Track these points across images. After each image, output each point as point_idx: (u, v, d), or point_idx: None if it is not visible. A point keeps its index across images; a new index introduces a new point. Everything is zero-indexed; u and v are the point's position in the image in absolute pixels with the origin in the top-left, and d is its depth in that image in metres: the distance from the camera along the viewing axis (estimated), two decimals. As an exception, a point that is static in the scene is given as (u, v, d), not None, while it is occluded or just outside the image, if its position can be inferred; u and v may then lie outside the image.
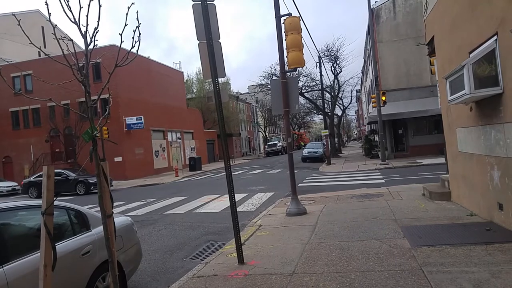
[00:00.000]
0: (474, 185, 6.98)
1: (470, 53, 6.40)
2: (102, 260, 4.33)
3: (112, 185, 23.61)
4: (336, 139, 41.16)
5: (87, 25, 2.75)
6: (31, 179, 23.52)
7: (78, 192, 22.02)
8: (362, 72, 48.78)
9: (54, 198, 2.73)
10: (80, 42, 2.83)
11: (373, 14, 25.74)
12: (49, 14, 2.75)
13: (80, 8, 2.68)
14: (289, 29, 8.94)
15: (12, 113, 33.23)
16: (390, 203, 9.03)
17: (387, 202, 9.20)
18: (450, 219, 6.88)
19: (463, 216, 6.99)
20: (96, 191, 3.01)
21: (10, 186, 26.42)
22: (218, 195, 14.43)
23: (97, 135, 2.87)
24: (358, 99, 68.85)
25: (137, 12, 2.96)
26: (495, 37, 5.48)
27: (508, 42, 4.99)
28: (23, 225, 4.06)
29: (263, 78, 37.62)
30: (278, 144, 55.71)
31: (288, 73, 9.89)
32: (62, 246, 3.88)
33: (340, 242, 6.12)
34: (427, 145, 24.32)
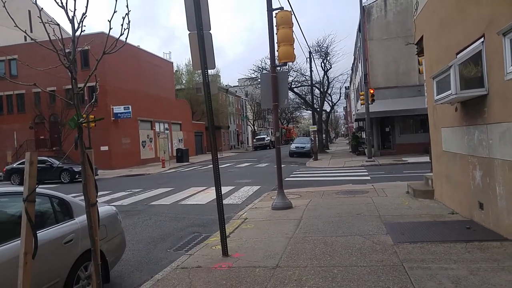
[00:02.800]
0: (457, 184, 7.12)
1: (457, 54, 6.49)
2: (84, 249, 4.28)
3: (98, 174, 23.40)
4: (323, 135, 41.39)
5: (75, 10, 2.69)
6: (14, 165, 23.12)
7: (63, 180, 21.76)
8: (352, 69, 49.02)
9: (36, 186, 2.69)
10: (68, 28, 2.78)
11: (365, 11, 25.85)
12: None
13: None
14: (280, 23, 8.92)
15: (-4, 98, 32.49)
16: (374, 200, 9.14)
17: (372, 199, 9.31)
18: (432, 217, 7.01)
19: (445, 214, 7.13)
20: (81, 179, 2.97)
21: None
22: (205, 187, 14.40)
23: (84, 122, 2.83)
24: (347, 96, 69.26)
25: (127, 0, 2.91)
26: (482, 39, 5.57)
27: (495, 45, 5.08)
28: (4, 212, 4.00)
29: (253, 72, 37.57)
30: (267, 138, 55.78)
31: (279, 68, 9.87)
32: (43, 234, 3.83)
33: (324, 237, 6.19)
34: (413, 144, 24.60)
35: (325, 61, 36.83)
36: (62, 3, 2.63)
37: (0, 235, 3.58)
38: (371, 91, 22.63)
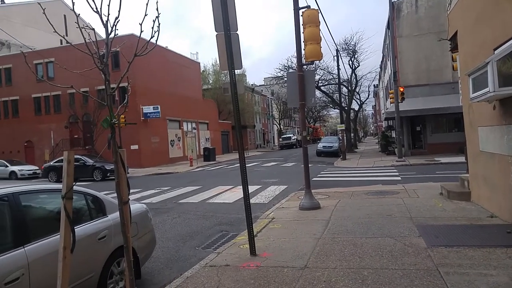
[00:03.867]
0: (496, 185, 6.79)
1: (495, 49, 6.20)
2: (117, 245, 4.41)
3: (128, 173, 23.96)
4: (352, 134, 40.80)
5: (109, 14, 2.77)
6: (51, 163, 24.03)
7: (95, 178, 22.42)
8: (381, 67, 48.13)
9: (74, 183, 2.78)
10: (101, 31, 2.86)
11: (394, 7, 25.19)
12: (73, 3, 2.80)
13: None
14: (307, 22, 8.85)
15: (35, 99, 33.92)
16: (405, 201, 8.90)
17: (402, 200, 9.08)
18: (469, 220, 6.72)
19: (483, 217, 6.81)
20: (113, 177, 3.07)
21: (31, 170, 27.16)
22: (232, 186, 14.49)
23: (116, 122, 2.90)
24: (376, 94, 68.01)
25: (157, 3, 2.98)
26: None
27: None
28: (44, 208, 4.17)
29: (279, 71, 37.48)
30: (293, 137, 55.52)
31: (305, 66, 9.79)
32: (80, 230, 3.96)
33: (353, 238, 6.09)
34: (446, 143, 23.77)
35: (353, 59, 36.37)
36: (96, 8, 2.72)
37: (40, 229, 3.73)
38: (401, 89, 22.05)
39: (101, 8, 2.72)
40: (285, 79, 29.24)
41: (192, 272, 5.04)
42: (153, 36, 2.97)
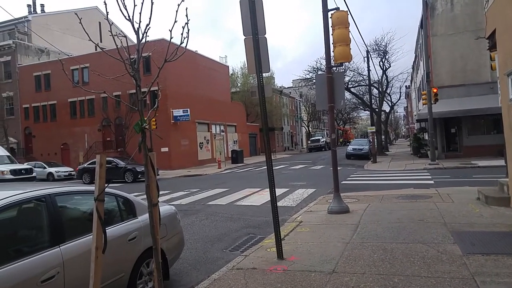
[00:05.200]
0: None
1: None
2: (146, 246, 4.51)
3: (158, 174, 24.45)
4: (382, 137, 39.98)
5: (140, 22, 2.87)
6: (85, 165, 24.88)
7: (126, 180, 23.00)
8: (413, 68, 47.00)
9: (106, 185, 2.87)
10: (132, 37, 2.95)
11: (428, 6, 24.50)
12: (107, 12, 2.91)
13: (134, 6, 2.81)
14: (336, 24, 8.77)
15: (71, 103, 35.28)
16: (439, 206, 8.60)
17: (435, 204, 8.78)
18: (508, 227, 6.40)
19: (523, 224, 6.48)
20: (143, 179, 3.14)
21: (67, 171, 28.22)
22: (259, 189, 14.51)
23: (146, 127, 2.98)
24: (408, 96, 66.48)
25: (186, 9, 3.06)
26: None
27: None
28: (78, 209, 4.32)
29: (308, 73, 37.22)
30: (321, 140, 54.97)
31: (334, 68, 9.69)
32: (111, 231, 4.06)
33: (383, 243, 5.96)
34: (484, 146, 22.75)
35: (383, 59, 35.64)
36: (129, 16, 2.83)
37: (74, 230, 3.87)
38: (434, 90, 21.37)
39: (133, 16, 2.83)
40: (314, 81, 29.02)
41: (219, 275, 5.07)
42: (183, 41, 3.05)
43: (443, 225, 6.81)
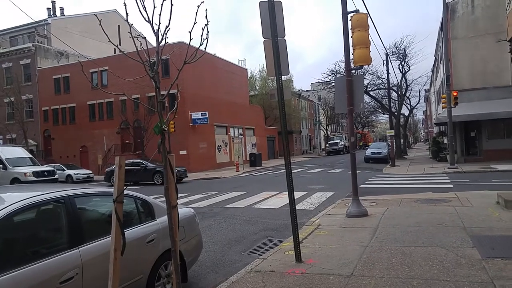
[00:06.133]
0: (559, 195, 6.32)
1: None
2: (165, 248, 4.52)
3: (187, 176, 24.49)
4: (401, 140, 39.45)
5: (159, 23, 2.87)
6: (113, 168, 24.75)
7: (156, 182, 22.57)
8: (432, 71, 46.22)
9: (125, 187, 2.90)
10: (152, 39, 2.98)
11: (448, 8, 24.15)
12: (127, 14, 2.93)
13: (154, 7, 2.81)
14: (356, 26, 8.71)
15: (90, 106, 35.71)
16: (458, 210, 8.45)
17: (454, 208, 8.63)
18: None
19: (544, 229, 6.35)
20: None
21: (86, 174, 28.58)
22: (277, 192, 14.48)
23: (165, 129, 3.00)
24: (427, 99, 65.41)
25: (206, 11, 3.05)
26: None
27: None
28: (97, 211, 4.37)
29: (326, 76, 37.05)
30: (340, 143, 54.61)
31: (354, 71, 9.62)
32: (129, 233, 4.09)
33: (402, 247, 5.88)
34: (505, 150, 22.35)
35: (403, 63, 35.22)
36: (148, 18, 2.83)
37: (93, 231, 3.91)
38: (454, 94, 21.02)
39: (152, 18, 2.83)
40: (333, 84, 28.86)
41: (237, 277, 5.08)
42: (202, 43, 3.03)
43: (462, 229, 6.70)
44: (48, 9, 45.42)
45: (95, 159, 34.27)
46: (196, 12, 3.02)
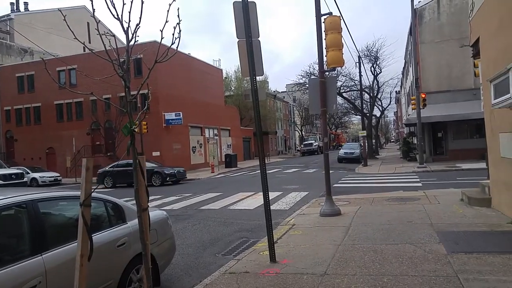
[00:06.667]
0: (517, 192, 6.66)
1: (517, 55, 6.10)
2: (136, 252, 4.41)
3: (186, 177, 23.94)
4: (373, 141, 40.30)
5: (129, 21, 2.80)
6: (106, 168, 23.56)
7: (154, 183, 21.52)
8: (403, 73, 47.47)
9: (92, 190, 2.81)
10: (123, 38, 2.90)
11: (416, 14, 24.94)
12: (93, 10, 2.82)
13: (123, 4, 2.72)
14: (329, 28, 8.83)
15: (57, 106, 34.30)
16: (426, 207, 8.77)
17: (423, 206, 8.94)
18: (489, 226, 6.63)
19: (504, 224, 6.72)
20: (171, 182, 3.02)
21: (53, 177, 27.33)
22: (253, 193, 14.49)
23: (135, 129, 2.93)
24: (398, 101, 67.02)
25: (178, 9, 3.02)
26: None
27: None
28: (63, 215, 4.20)
29: (301, 77, 37.44)
30: (314, 144, 55.29)
31: (327, 73, 9.74)
32: (98, 237, 3.97)
33: (373, 244, 6.02)
34: (468, 149, 23.42)
35: (374, 65, 36.05)
36: (117, 15, 2.75)
37: (59, 237, 3.74)
38: (423, 96, 21.76)
39: (122, 15, 2.75)
40: (307, 85, 29.15)
41: (211, 279, 5.04)
42: (174, 42, 2.97)
43: (429, 226, 6.97)
44: (12, 3, 43.52)
45: (63, 161, 32.81)
46: (168, 11, 2.96)
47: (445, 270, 4.62)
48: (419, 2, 25.71)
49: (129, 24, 2.81)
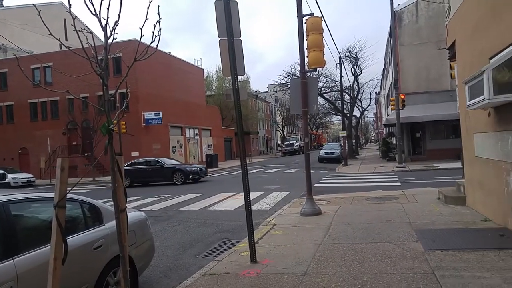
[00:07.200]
0: (490, 190, 6.91)
1: (490, 58, 6.31)
2: (114, 254, 4.31)
3: (207, 175, 23.01)
4: (353, 141, 40.82)
5: (108, 18, 2.72)
6: (124, 167, 22.99)
7: (175, 181, 20.98)
8: (382, 75, 48.22)
9: (68, 191, 2.73)
10: (102, 35, 2.83)
11: (396, 17, 25.42)
12: (70, 5, 2.73)
13: (101, 0, 2.65)
14: (310, 29, 8.88)
15: (31, 105, 33.42)
16: (405, 206, 8.94)
17: (402, 205, 9.10)
18: (464, 224, 6.83)
19: (478, 221, 6.93)
20: (191, 181, 2.88)
21: (26, 178, 26.53)
22: (234, 193, 14.45)
23: (114, 129, 2.87)
24: (377, 102, 68.03)
25: (158, 7, 2.97)
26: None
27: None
28: (36, 217, 4.06)
29: (283, 78, 37.61)
30: (296, 144, 55.66)
31: (308, 73, 9.80)
32: (73, 240, 3.86)
33: (353, 243, 6.08)
34: (445, 149, 24.02)
35: (355, 66, 36.51)
36: (95, 11, 2.67)
37: (32, 240, 3.62)
38: (402, 97, 22.20)
39: (100, 11, 2.67)
40: (289, 86, 29.32)
41: (191, 281, 4.98)
42: (154, 40, 2.92)
43: (408, 224, 7.11)
44: (-16, -1, 42.32)
45: (37, 162, 31.89)
46: (148, 8, 2.90)
47: (422, 268, 4.72)
48: (398, 5, 26.24)
49: (107, 21, 2.73)
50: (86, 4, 2.63)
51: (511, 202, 5.96)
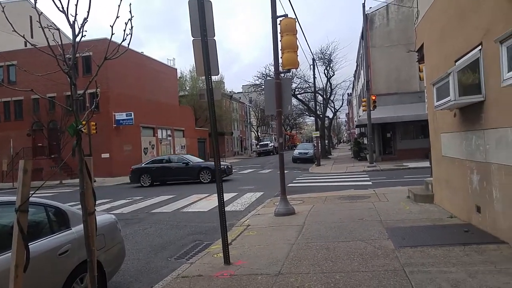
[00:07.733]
0: (455, 188, 7.19)
1: (456, 61, 6.57)
2: (81, 260, 4.13)
3: (232, 173, 22.45)
4: (326, 141, 41.35)
5: (76, 14, 2.64)
6: (142, 165, 22.17)
7: (202, 180, 19.97)
8: (354, 76, 49.13)
9: (31, 193, 2.61)
10: (70, 33, 2.74)
11: (368, 19, 25.98)
12: (35, 1, 2.63)
13: None
14: (284, 30, 8.94)
15: (-9, 105, 31.79)
16: (376, 205, 9.13)
17: (373, 204, 9.30)
18: (432, 221, 7.06)
19: (444, 218, 7.19)
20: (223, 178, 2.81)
21: None
22: (207, 194, 14.34)
23: (82, 129, 2.78)
24: (349, 103, 69.29)
25: (130, 5, 2.90)
26: (479, 47, 5.65)
27: (492, 52, 5.11)
28: None
29: (257, 78, 37.68)
30: (270, 144, 55.86)
31: (282, 74, 9.86)
32: (37, 245, 3.70)
33: (326, 242, 6.15)
34: (414, 149, 24.71)
35: (328, 68, 37.00)
36: (63, 7, 2.58)
37: None
38: (373, 98, 22.69)
39: (67, 8, 2.58)
40: (263, 86, 29.42)
41: (163, 284, 4.90)
42: (125, 39, 2.84)
43: (379, 223, 7.27)
44: None
45: (-1, 164, 30.60)
46: (119, 6, 2.83)
47: (393, 264, 4.84)
48: (370, 8, 26.86)
49: (75, 18, 2.64)
50: (53, 0, 2.54)
51: (474, 199, 6.21)
